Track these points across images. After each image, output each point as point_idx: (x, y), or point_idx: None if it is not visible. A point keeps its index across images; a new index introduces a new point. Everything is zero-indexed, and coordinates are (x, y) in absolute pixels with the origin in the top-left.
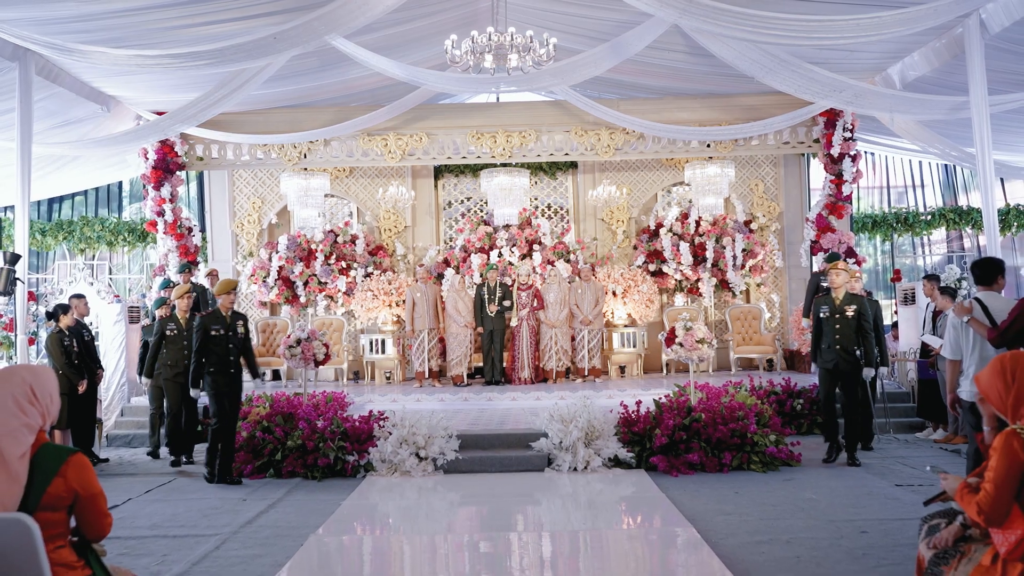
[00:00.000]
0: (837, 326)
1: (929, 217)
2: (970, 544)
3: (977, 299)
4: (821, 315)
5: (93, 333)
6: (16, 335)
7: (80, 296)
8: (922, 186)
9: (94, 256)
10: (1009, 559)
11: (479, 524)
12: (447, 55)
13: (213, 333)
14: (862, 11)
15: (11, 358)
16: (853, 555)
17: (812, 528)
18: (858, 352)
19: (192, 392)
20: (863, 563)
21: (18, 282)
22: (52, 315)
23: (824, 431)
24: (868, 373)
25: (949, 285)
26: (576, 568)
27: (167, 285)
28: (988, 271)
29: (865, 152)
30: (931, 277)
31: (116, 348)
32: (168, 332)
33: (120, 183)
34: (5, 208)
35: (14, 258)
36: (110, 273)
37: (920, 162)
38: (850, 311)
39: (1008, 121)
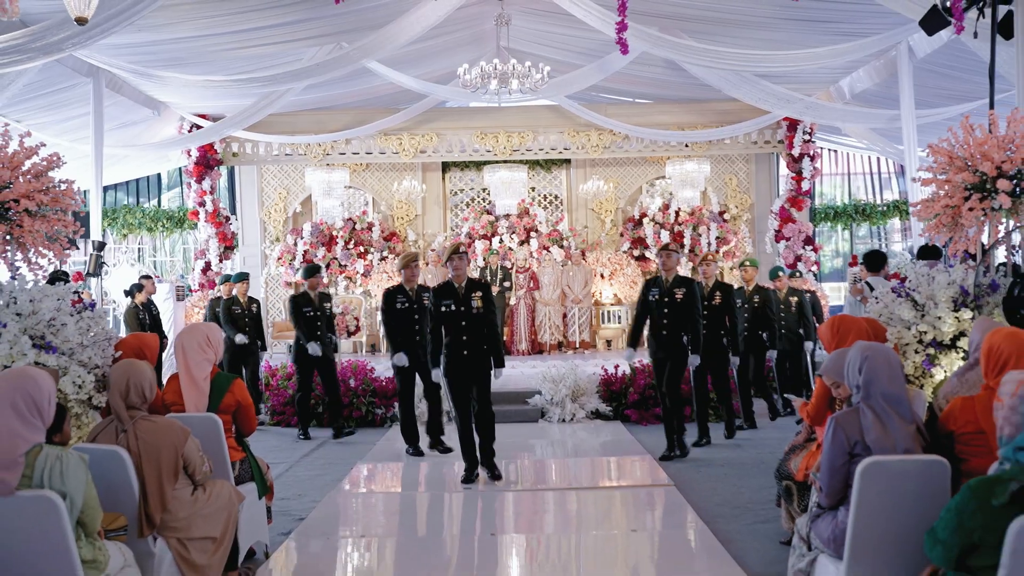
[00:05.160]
0: (666, 310)
1: (885, 208)
2: (812, 442)
3: (867, 282)
4: (650, 298)
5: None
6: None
7: (149, 277)
8: (879, 175)
9: (138, 241)
10: (823, 445)
11: None
12: (460, 80)
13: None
14: (809, 42)
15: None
16: (766, 472)
17: (742, 457)
18: (685, 338)
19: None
20: (772, 477)
21: (104, 266)
22: (129, 293)
23: (666, 422)
24: (694, 361)
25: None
26: (561, 477)
27: (226, 280)
28: (875, 261)
29: (827, 149)
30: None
31: (167, 322)
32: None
33: (159, 174)
34: None
35: (100, 245)
36: (152, 256)
37: (879, 158)
38: (679, 294)
39: (941, 128)
